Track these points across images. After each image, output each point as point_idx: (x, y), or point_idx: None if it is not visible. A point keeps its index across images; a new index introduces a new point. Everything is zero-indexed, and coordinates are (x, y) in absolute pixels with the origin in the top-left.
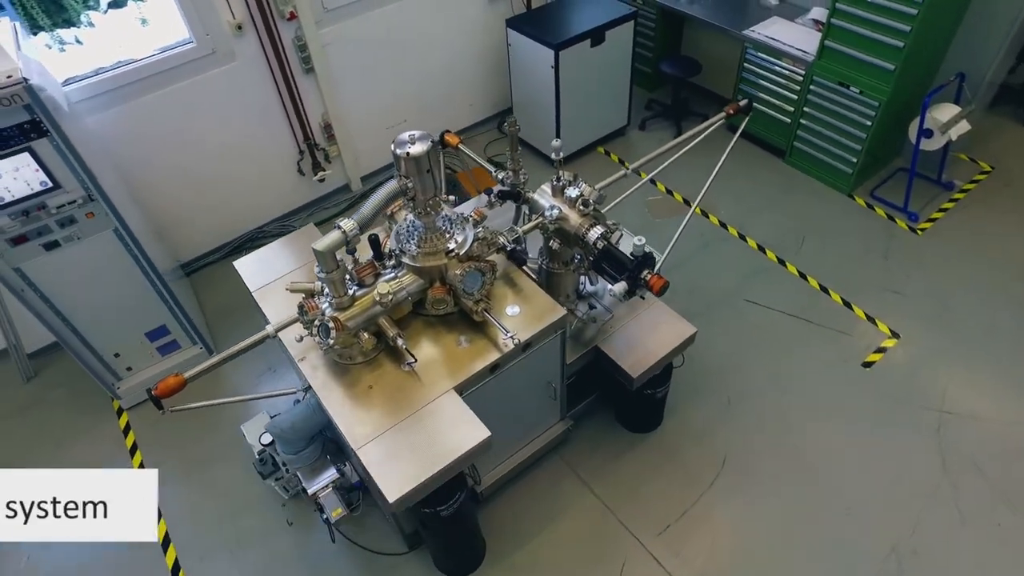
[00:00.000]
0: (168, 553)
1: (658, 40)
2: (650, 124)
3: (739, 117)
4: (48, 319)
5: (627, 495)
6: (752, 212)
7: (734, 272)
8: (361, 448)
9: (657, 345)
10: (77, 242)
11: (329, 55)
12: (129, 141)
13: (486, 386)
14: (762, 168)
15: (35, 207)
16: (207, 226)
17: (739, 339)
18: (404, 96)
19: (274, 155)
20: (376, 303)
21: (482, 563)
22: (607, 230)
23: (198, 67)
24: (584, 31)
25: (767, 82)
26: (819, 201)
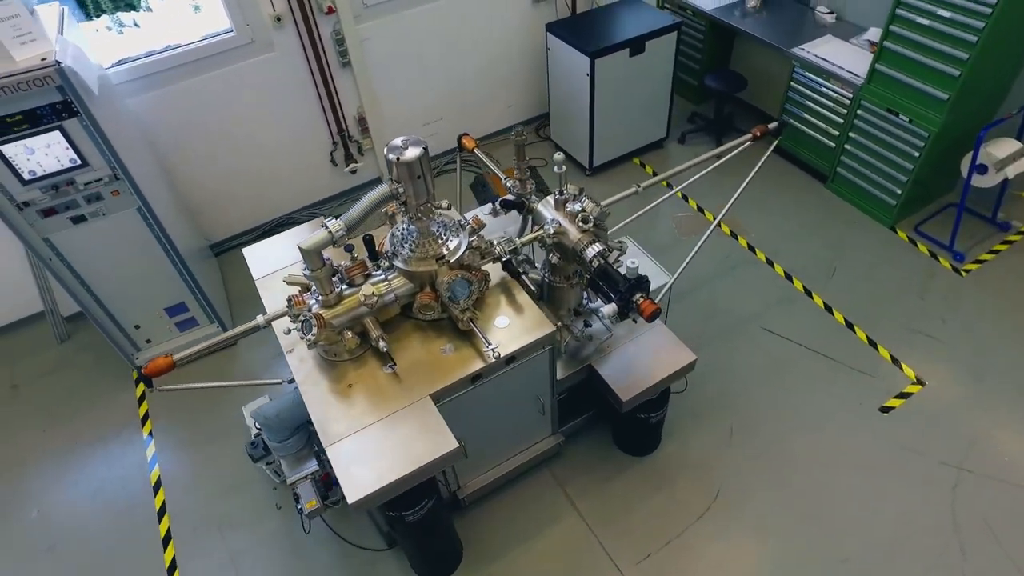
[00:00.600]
0: (163, 521)
1: (706, 53)
2: (690, 138)
3: (779, 138)
4: (72, 288)
5: (612, 518)
6: (785, 237)
7: (756, 298)
8: (331, 446)
9: (653, 370)
10: (103, 217)
11: (367, 50)
12: (169, 122)
13: (467, 395)
14: (802, 192)
15: (64, 182)
16: (239, 209)
17: (751, 368)
18: (441, 94)
19: (308, 144)
20: (362, 304)
21: (457, 568)
22: (605, 249)
23: (237, 55)
24: (623, 40)
25: (813, 103)
26: (858, 231)
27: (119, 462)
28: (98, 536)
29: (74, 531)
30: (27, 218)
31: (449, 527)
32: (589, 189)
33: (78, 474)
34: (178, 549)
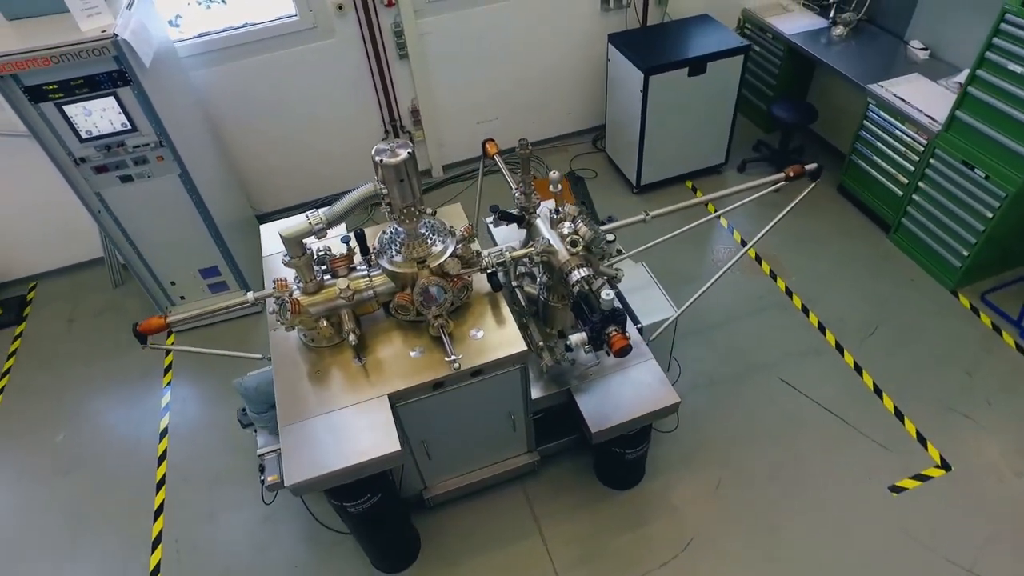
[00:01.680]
0: (161, 467)
1: (781, 79)
2: (751, 167)
3: (817, 181)
4: (117, 240)
5: (573, 548)
6: (828, 285)
7: (780, 346)
8: (285, 427)
9: (631, 405)
10: (147, 179)
11: (426, 44)
12: (230, 96)
13: (430, 400)
14: (860, 239)
15: (116, 144)
16: (289, 184)
17: (756, 420)
18: (498, 94)
19: (360, 130)
20: (338, 296)
21: (413, 564)
22: (591, 275)
23: (299, 39)
24: (683, 59)
25: (884, 146)
26: (913, 290)
27: (138, 405)
28: (105, 469)
29: (87, 460)
30: (82, 172)
31: (402, 523)
32: (629, 207)
33: (103, 409)
34: (167, 494)
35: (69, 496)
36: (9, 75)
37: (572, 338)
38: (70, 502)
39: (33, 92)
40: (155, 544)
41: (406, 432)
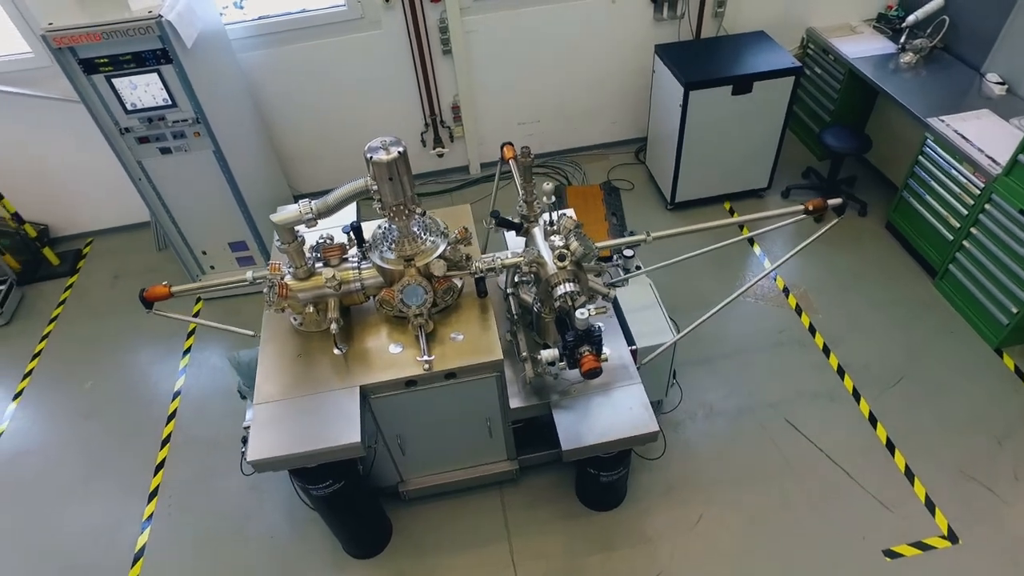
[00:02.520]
0: (168, 425)
1: (840, 104)
2: (796, 194)
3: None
4: (154, 206)
5: (539, 562)
6: (857, 326)
7: (792, 385)
8: (258, 405)
9: (608, 428)
10: (185, 153)
11: (470, 42)
12: (276, 78)
13: (403, 397)
14: (902, 282)
15: (157, 117)
16: (327, 168)
17: (752, 459)
18: (542, 97)
19: (401, 121)
20: (325, 284)
21: (381, 552)
22: (576, 292)
23: (346, 28)
24: (727, 76)
25: (938, 184)
26: (952, 343)
27: (160, 364)
28: (120, 420)
29: (106, 409)
30: (126, 141)
31: (370, 512)
32: (660, 223)
33: (129, 363)
34: (170, 452)
35: (86, 439)
36: (67, 47)
37: (543, 353)
38: (86, 445)
39: (87, 64)
40: (151, 496)
41: (380, 425)
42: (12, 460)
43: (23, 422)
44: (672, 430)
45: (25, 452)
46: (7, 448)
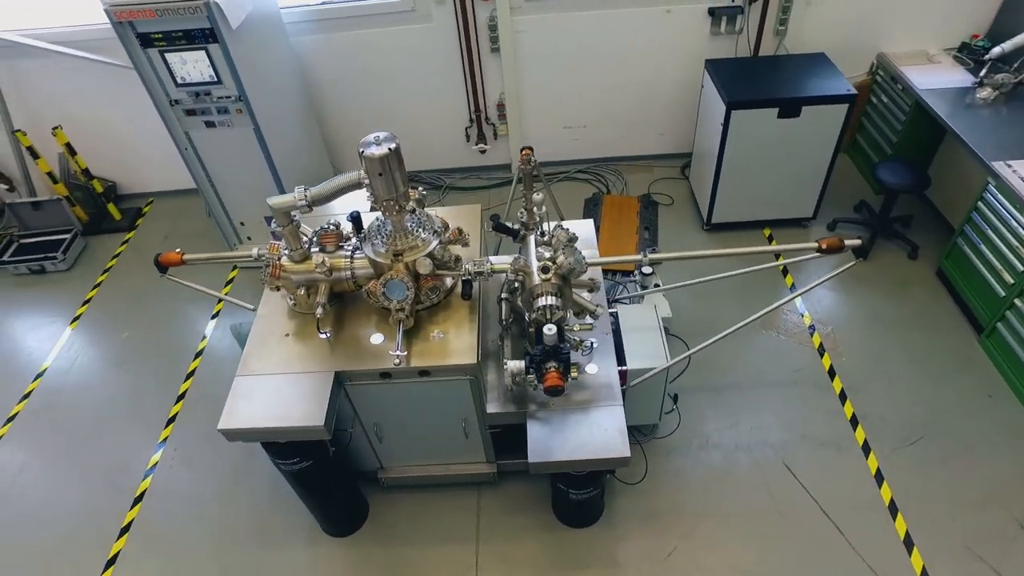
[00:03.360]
0: (186, 383)
1: (904, 137)
2: (843, 227)
3: (860, 259)
4: (198, 176)
5: (502, 569)
6: (882, 375)
7: (798, 428)
8: (239, 376)
9: (578, 446)
10: (227, 128)
11: (520, 42)
12: (328, 62)
13: (378, 388)
14: (944, 334)
15: (204, 92)
16: None
17: (740, 499)
18: (589, 102)
19: (446, 115)
20: (315, 269)
21: (351, 534)
22: (555, 306)
23: (398, 19)
24: (774, 97)
25: (995, 234)
26: (987, 407)
27: (189, 324)
28: (145, 371)
29: (135, 359)
30: (175, 112)
31: (341, 493)
32: (692, 243)
33: (163, 320)
34: (183, 408)
35: (113, 386)
36: (126, 21)
37: (510, 364)
38: (112, 391)
39: (143, 38)
40: (159, 447)
41: (357, 411)
42: (48, 394)
43: (64, 362)
44: (663, 456)
45: (59, 390)
46: (47, 383)
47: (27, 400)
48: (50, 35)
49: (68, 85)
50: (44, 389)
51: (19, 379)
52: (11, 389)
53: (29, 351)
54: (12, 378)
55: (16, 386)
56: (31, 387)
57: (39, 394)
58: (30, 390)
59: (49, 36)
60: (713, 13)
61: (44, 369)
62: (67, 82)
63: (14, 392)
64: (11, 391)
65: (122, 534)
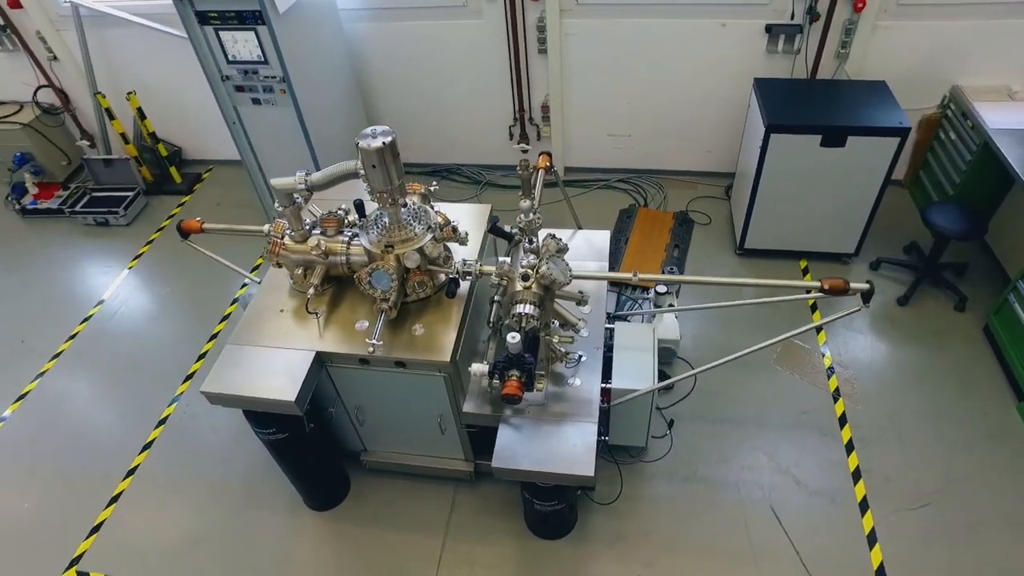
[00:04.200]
0: (209, 343)
1: (967, 177)
2: (887, 269)
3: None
4: (243, 149)
5: (463, 568)
6: (897, 430)
7: (793, 472)
8: (230, 344)
9: (543, 458)
10: (272, 106)
11: (568, 45)
12: (379, 51)
13: (359, 372)
14: (980, 397)
15: (252, 71)
16: (417, 143)
17: (716, 537)
18: (636, 111)
19: (491, 112)
20: (310, 251)
21: (328, 509)
22: (531, 316)
23: (449, 13)
24: (817, 124)
25: None
26: (1013, 484)
27: (222, 288)
28: (176, 327)
29: (167, 315)
30: (225, 87)
31: (317, 468)
32: (721, 266)
33: (201, 280)
34: (201, 366)
35: (148, 337)
36: (187, 0)
37: (474, 367)
38: (145, 342)
39: (200, 16)
40: (172, 401)
41: (339, 393)
42: (91, 337)
43: (109, 309)
44: (646, 480)
45: (101, 334)
46: (92, 327)
47: (72, 340)
48: (131, 7)
49: (145, 54)
50: (89, 332)
51: (71, 318)
52: (63, 327)
53: (83, 295)
54: (66, 317)
55: (67, 324)
56: (78, 329)
57: (83, 336)
58: (76, 331)
59: (130, 8)
60: (770, 30)
61: (91, 314)
62: (144, 52)
63: (65, 329)
64: (62, 328)
65: (128, 475)
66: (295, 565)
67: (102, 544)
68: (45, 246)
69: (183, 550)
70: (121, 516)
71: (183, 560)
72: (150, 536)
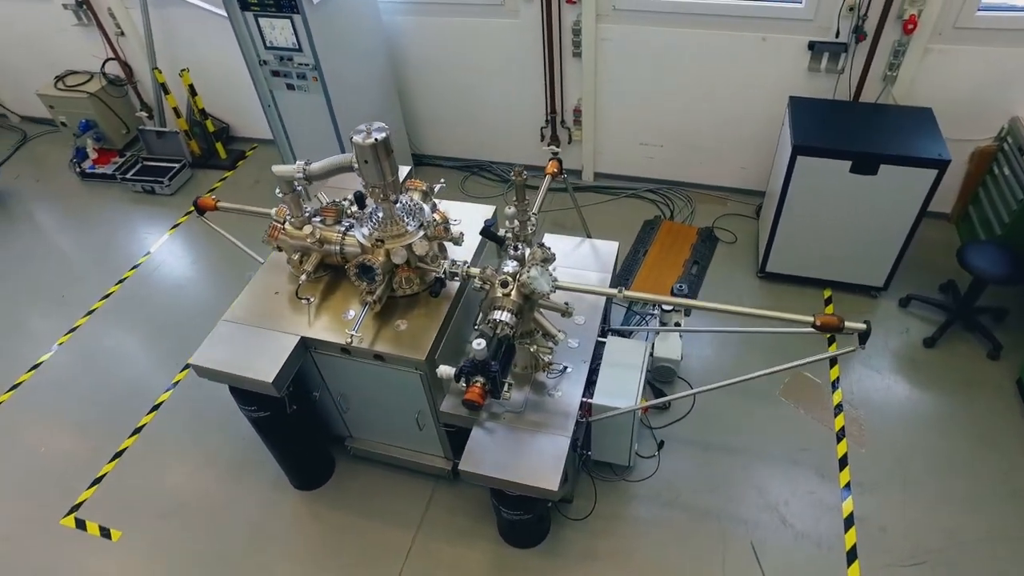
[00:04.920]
0: None
1: (1017, 219)
2: (917, 306)
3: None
4: (276, 132)
5: (428, 566)
6: (902, 480)
7: (780, 510)
8: (223, 320)
9: (509, 466)
10: (304, 92)
11: (602, 49)
12: (417, 44)
13: (341, 361)
14: (1003, 454)
15: (287, 57)
16: (450, 137)
17: (687, 567)
18: (669, 122)
19: (524, 112)
20: (305, 238)
21: (309, 490)
22: (508, 322)
23: (487, 11)
24: (847, 149)
25: None
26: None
27: (247, 264)
28: (201, 297)
29: (195, 283)
30: (263, 72)
31: (298, 449)
32: (740, 287)
33: (228, 254)
34: None
35: (174, 303)
36: None
37: (441, 369)
38: (170, 308)
39: (242, 2)
40: (185, 367)
41: (324, 379)
42: (123, 299)
43: (144, 272)
44: (625, 500)
45: (132, 297)
46: (126, 288)
47: (106, 299)
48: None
49: (201, 34)
50: (122, 294)
51: (110, 278)
52: (100, 285)
53: (124, 257)
54: (104, 276)
55: (105, 283)
56: (113, 289)
57: (116, 297)
58: (111, 292)
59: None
60: (814, 47)
61: (126, 276)
62: (201, 31)
63: (101, 287)
64: (100, 286)
65: (134, 433)
66: (268, 539)
67: (101, 495)
68: (97, 209)
69: (170, 511)
70: (122, 471)
71: (169, 520)
72: (144, 494)
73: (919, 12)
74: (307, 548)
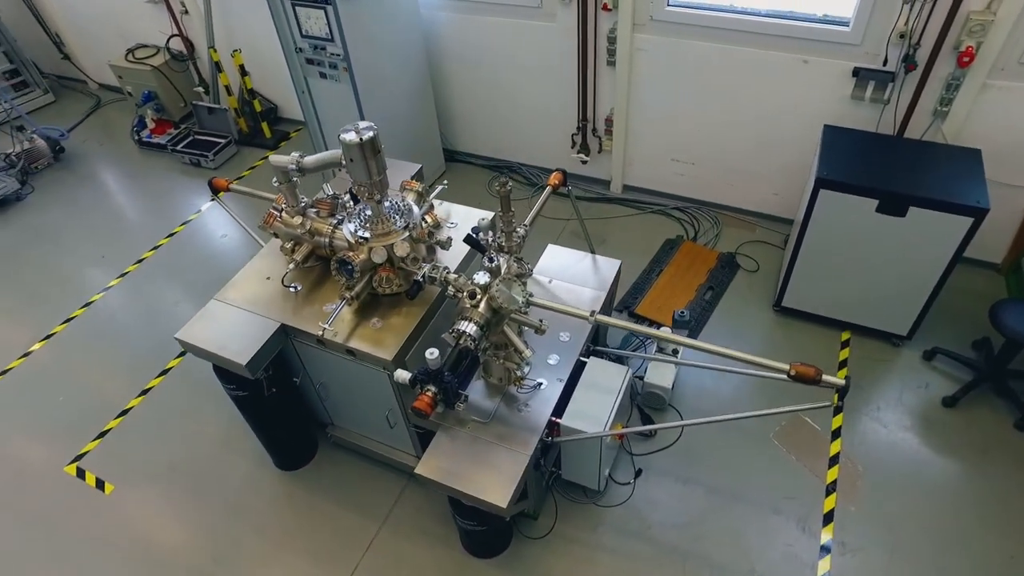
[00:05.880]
0: None
1: None
2: (942, 361)
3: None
4: (309, 118)
5: (387, 563)
6: (893, 545)
7: (753, 559)
8: (214, 299)
9: (463, 475)
10: (335, 82)
11: (637, 60)
12: (455, 40)
13: (315, 351)
14: (1009, 535)
15: (321, 46)
16: (481, 136)
17: None
18: (702, 139)
19: (555, 117)
20: (296, 228)
21: (288, 471)
22: (472, 335)
23: (523, 13)
24: (874, 187)
25: None
26: None
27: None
28: (225, 269)
29: (219, 257)
30: (298, 59)
31: (277, 430)
32: (753, 319)
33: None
34: None
35: (200, 274)
36: None
37: (398, 372)
38: (195, 278)
39: None
40: None
41: (305, 366)
42: (156, 266)
43: (180, 239)
44: (591, 525)
45: (164, 265)
46: (160, 255)
47: (140, 263)
48: None
49: (257, 16)
50: (155, 260)
51: (150, 240)
52: (141, 246)
53: (165, 224)
54: (148, 238)
55: (144, 244)
56: (147, 254)
57: (150, 262)
58: (145, 256)
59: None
60: (858, 74)
61: (160, 243)
62: (255, 14)
63: (140, 249)
64: (139, 248)
65: (141, 394)
66: (242, 512)
67: (103, 449)
68: (147, 176)
69: (159, 473)
70: (125, 428)
71: (156, 482)
72: (140, 453)
73: (978, 45)
74: (278, 525)
